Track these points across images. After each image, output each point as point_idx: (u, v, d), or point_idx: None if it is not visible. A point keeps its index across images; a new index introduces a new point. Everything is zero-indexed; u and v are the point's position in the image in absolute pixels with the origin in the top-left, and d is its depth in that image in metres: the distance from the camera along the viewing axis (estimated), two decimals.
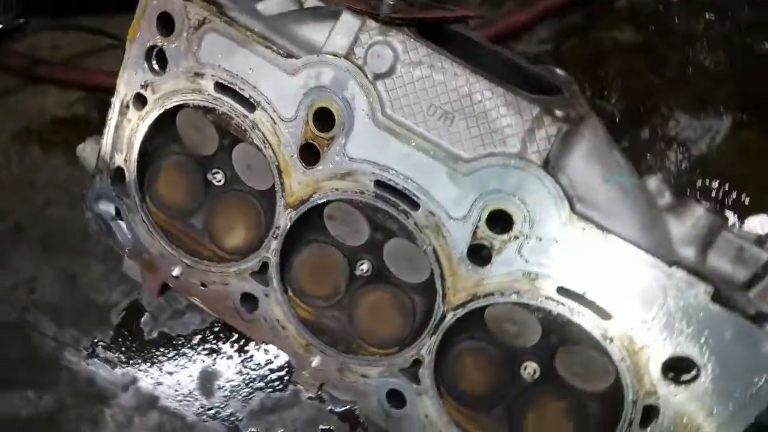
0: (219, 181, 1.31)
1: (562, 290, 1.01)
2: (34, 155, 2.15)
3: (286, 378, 1.78)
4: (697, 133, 1.74)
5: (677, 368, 0.99)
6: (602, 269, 0.98)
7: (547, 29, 1.87)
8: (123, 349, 1.87)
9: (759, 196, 1.63)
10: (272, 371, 1.79)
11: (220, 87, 1.17)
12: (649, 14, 1.85)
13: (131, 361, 1.85)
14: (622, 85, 1.81)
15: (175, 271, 1.36)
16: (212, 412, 1.79)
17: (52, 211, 1.98)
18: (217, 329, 1.85)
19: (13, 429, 1.81)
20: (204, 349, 1.83)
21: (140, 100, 1.26)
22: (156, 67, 1.22)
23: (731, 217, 1.12)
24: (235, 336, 1.82)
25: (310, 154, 1.14)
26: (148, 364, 1.85)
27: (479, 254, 1.07)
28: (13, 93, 2.24)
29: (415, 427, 1.22)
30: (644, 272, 0.96)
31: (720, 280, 1.03)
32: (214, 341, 1.83)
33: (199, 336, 1.85)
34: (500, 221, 1.03)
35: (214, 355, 1.82)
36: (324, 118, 1.09)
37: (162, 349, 1.84)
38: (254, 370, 1.80)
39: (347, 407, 1.75)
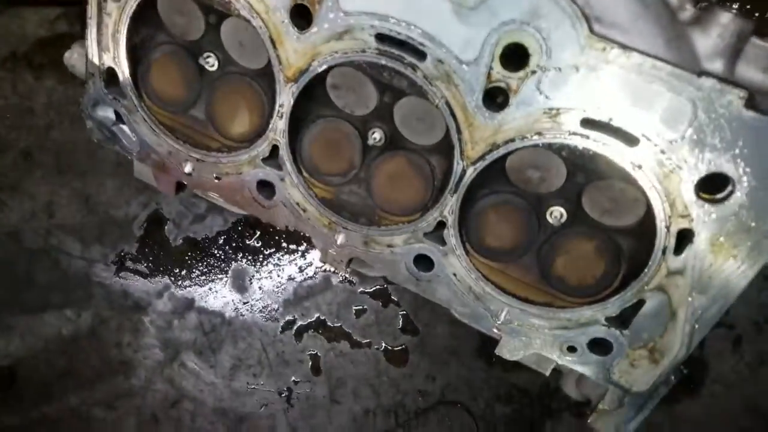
0: (212, 66, 1.24)
1: (586, 122, 0.96)
2: (26, 80, 2.08)
3: (316, 265, 1.80)
4: None
5: (711, 187, 0.95)
6: (627, 92, 0.92)
7: None
8: (151, 258, 1.90)
9: None
10: (301, 260, 1.81)
11: None
12: None
13: (161, 269, 1.89)
14: None
15: (187, 168, 1.34)
16: (248, 306, 1.85)
17: (55, 133, 1.94)
18: (240, 228, 1.85)
19: (57, 347, 1.89)
20: (230, 248, 1.85)
21: None
22: None
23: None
24: (259, 233, 1.83)
25: (302, 17, 1.06)
26: (178, 270, 1.88)
27: (495, 98, 1.02)
28: None
29: (445, 286, 1.23)
30: (671, 87, 0.90)
31: (751, 88, 0.96)
32: (239, 239, 1.85)
33: (224, 236, 1.86)
34: (515, 57, 0.96)
35: (241, 252, 1.84)
36: None
37: (190, 254, 1.87)
38: (283, 262, 1.83)
39: (377, 286, 1.78)
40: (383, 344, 1.79)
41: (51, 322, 1.93)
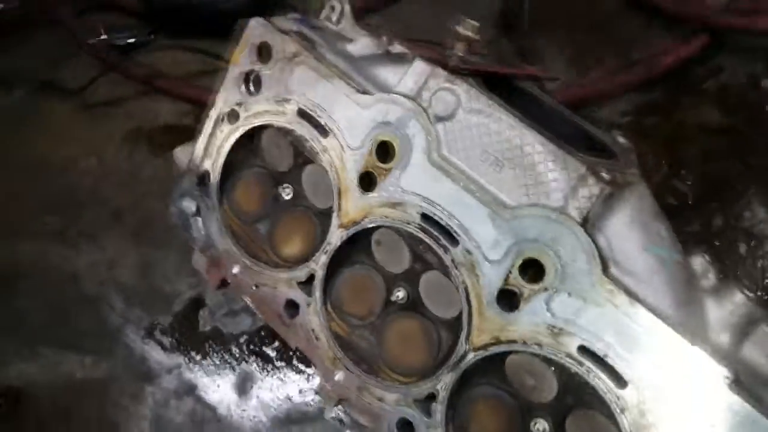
0: (287, 195, 1.44)
1: (582, 349, 1.02)
2: (142, 152, 2.42)
3: (315, 394, 1.84)
4: None
5: None
6: (625, 336, 0.99)
7: (629, 103, 1.90)
8: (177, 335, 2.02)
9: None
10: (304, 383, 1.86)
11: (302, 113, 1.31)
12: (738, 97, 1.83)
13: (181, 348, 2.00)
14: (701, 167, 1.79)
15: (235, 269, 1.49)
16: (241, 410, 1.88)
17: (148, 202, 2.21)
18: (263, 335, 1.96)
19: (65, 388, 1.99)
20: (248, 351, 1.94)
21: (234, 116, 1.42)
22: (251, 89, 1.39)
23: None
24: (277, 344, 1.92)
25: (368, 182, 1.24)
26: (195, 353, 1.98)
27: (508, 300, 1.11)
28: (133, 99, 2.55)
29: None
30: (665, 348, 0.95)
31: (749, 372, 0.99)
32: (258, 345, 1.94)
33: (246, 337, 1.96)
34: (533, 270, 1.06)
35: (255, 357, 1.92)
36: (385, 151, 1.19)
37: (211, 342, 1.98)
38: (288, 379, 1.88)
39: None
40: None
41: (70, 362, 2.05)
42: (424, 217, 1.17)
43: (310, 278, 1.37)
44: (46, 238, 2.22)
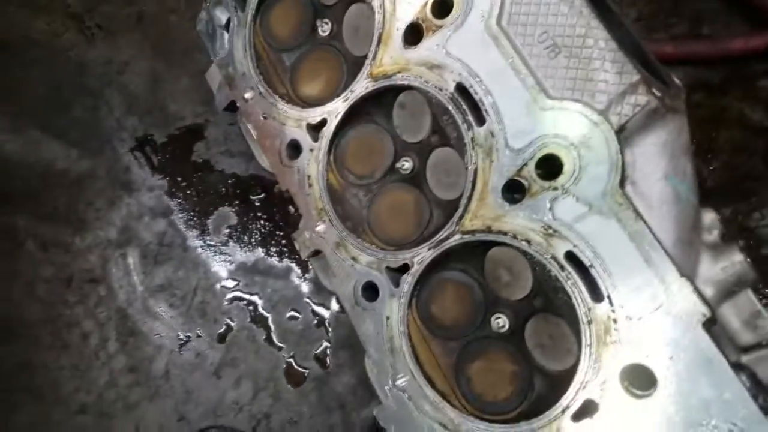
0: (324, 32, 1.38)
1: (569, 255, 1.01)
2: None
3: (287, 253, 1.84)
4: None
5: (636, 378, 0.97)
6: (617, 252, 0.97)
7: (684, 73, 1.83)
8: (167, 156, 1.99)
9: None
10: (281, 240, 1.86)
11: None
12: None
13: (168, 170, 1.97)
14: (728, 157, 1.75)
15: (248, 94, 1.44)
16: (211, 243, 1.89)
17: (174, 17, 2.11)
18: (253, 183, 1.93)
19: (43, 173, 1.97)
20: (233, 193, 1.92)
21: None
22: None
23: None
24: (263, 195, 1.90)
25: (414, 34, 1.18)
26: (180, 180, 1.96)
27: (514, 191, 1.09)
28: None
29: (373, 324, 1.24)
30: (653, 272, 0.94)
31: (720, 330, 1.00)
32: (245, 191, 1.92)
33: (235, 180, 1.94)
34: (550, 167, 1.04)
35: (239, 202, 1.91)
36: (445, 5, 1.12)
37: (200, 174, 1.95)
38: (265, 234, 1.88)
39: (322, 304, 1.80)
40: (292, 357, 1.78)
41: (53, 150, 2.02)
42: (459, 87, 1.13)
43: (321, 123, 1.33)
44: (63, 16, 2.13)
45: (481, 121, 1.11)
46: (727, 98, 1.83)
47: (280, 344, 1.79)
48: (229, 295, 1.84)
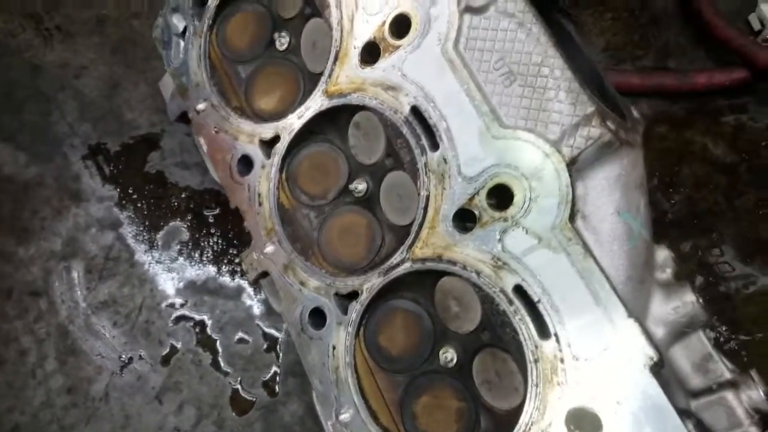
0: (282, 45, 1.34)
1: (518, 289, 0.97)
2: None
3: (239, 272, 1.77)
4: (734, 273, 1.66)
5: (582, 421, 0.93)
6: (565, 288, 0.94)
7: (648, 105, 1.84)
8: (120, 166, 1.91)
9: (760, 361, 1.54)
10: (232, 260, 1.79)
11: None
12: (749, 143, 1.79)
13: (120, 181, 1.89)
14: (690, 191, 1.75)
15: (201, 105, 1.39)
16: (160, 259, 1.81)
17: (137, 22, 2.05)
18: (207, 198, 1.86)
19: None
20: (185, 207, 1.85)
21: None
22: None
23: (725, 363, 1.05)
24: (218, 210, 1.84)
25: (370, 54, 1.14)
26: (130, 191, 1.88)
27: (465, 220, 1.05)
28: None
29: (318, 354, 1.19)
30: (601, 311, 0.91)
31: (670, 373, 0.97)
32: (198, 205, 1.85)
33: (188, 194, 1.87)
34: (500, 198, 1.00)
35: (191, 217, 1.83)
36: (401, 24, 1.09)
37: (152, 186, 1.87)
38: (217, 251, 1.81)
39: (273, 328, 1.73)
40: (239, 383, 1.70)
41: (4, 153, 1.93)
42: (414, 110, 1.09)
43: (275, 139, 1.28)
44: (21, 16, 2.04)
45: (434, 146, 1.07)
46: (691, 132, 1.84)
47: (226, 369, 1.70)
48: (176, 315, 1.76)
